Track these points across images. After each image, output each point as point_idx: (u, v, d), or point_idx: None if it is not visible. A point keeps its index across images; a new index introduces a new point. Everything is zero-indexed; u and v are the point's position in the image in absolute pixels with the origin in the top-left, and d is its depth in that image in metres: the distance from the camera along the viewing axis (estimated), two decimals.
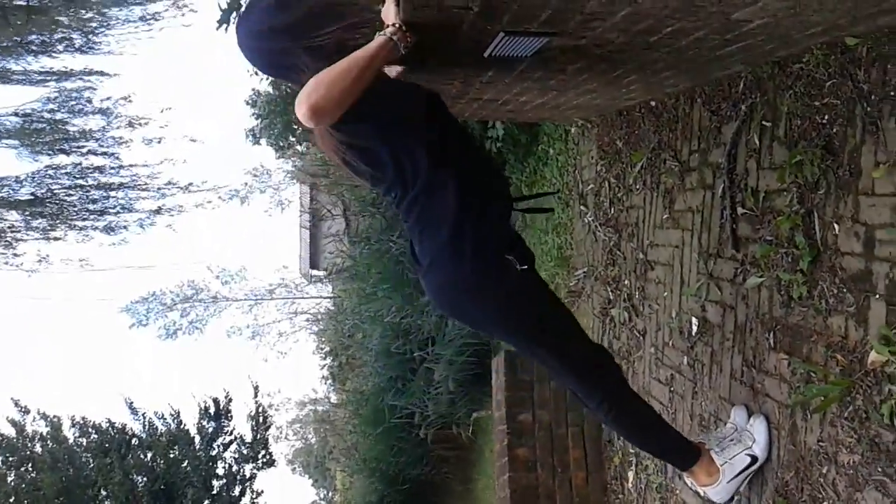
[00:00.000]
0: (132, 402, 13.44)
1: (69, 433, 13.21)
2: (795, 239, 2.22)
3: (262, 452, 14.99)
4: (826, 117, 2.14)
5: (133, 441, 13.13)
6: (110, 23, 11.92)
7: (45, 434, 13.20)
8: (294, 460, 32.43)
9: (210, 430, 14.10)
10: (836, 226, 2.08)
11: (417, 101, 2.04)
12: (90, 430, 13.31)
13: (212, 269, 26.86)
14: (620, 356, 3.66)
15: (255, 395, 14.72)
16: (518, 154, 5.83)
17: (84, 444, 13.11)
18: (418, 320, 7.79)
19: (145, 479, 12.42)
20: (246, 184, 21.33)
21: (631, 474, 3.51)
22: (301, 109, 1.76)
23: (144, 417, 13.63)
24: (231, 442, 14.51)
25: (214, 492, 13.67)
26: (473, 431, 8.76)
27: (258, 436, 14.89)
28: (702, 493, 2.46)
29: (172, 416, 13.93)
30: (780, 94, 2.36)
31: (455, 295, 2.12)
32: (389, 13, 1.90)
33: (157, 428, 13.65)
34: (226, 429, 14.43)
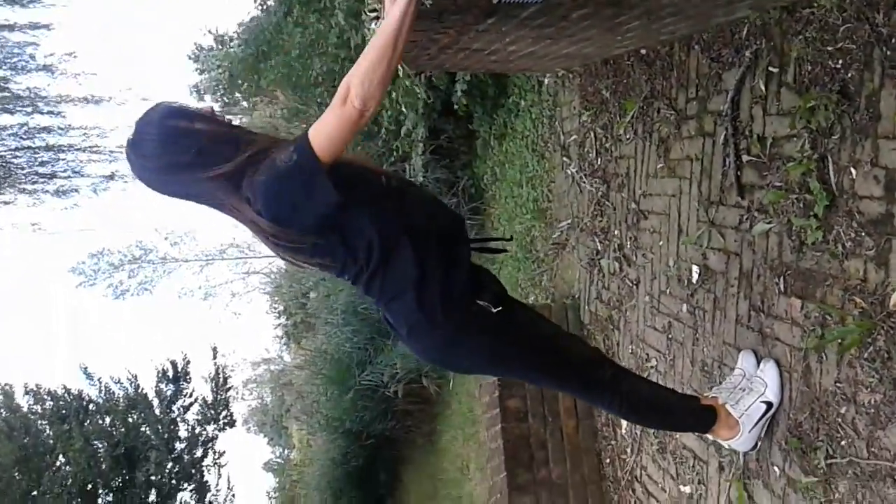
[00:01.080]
0: (87, 368, 13.22)
1: (23, 401, 12.95)
2: (809, 184, 2.23)
3: (223, 413, 14.90)
4: (840, 62, 2.14)
5: (91, 407, 12.90)
6: None
7: None
8: (249, 420, 32.37)
9: (169, 393, 13.95)
10: (853, 170, 2.09)
11: (350, 170, 1.94)
12: (45, 397, 13.06)
13: (160, 231, 26.27)
14: (611, 306, 3.69)
15: (214, 357, 14.60)
16: (486, 107, 5.77)
17: (39, 411, 12.86)
18: None
19: (105, 444, 12.25)
20: None
21: (624, 422, 3.56)
22: (352, 111, 1.72)
23: (101, 382, 13.42)
24: (191, 404, 14.38)
25: (176, 454, 13.57)
26: (438, 384, 8.83)
27: (218, 397, 14.78)
28: (727, 447, 2.51)
29: (130, 380, 13.72)
30: (789, 39, 2.35)
31: (442, 354, 2.13)
32: None
33: (114, 393, 13.45)
34: (185, 391, 14.29)
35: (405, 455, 12.58)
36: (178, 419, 14.22)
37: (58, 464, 12.21)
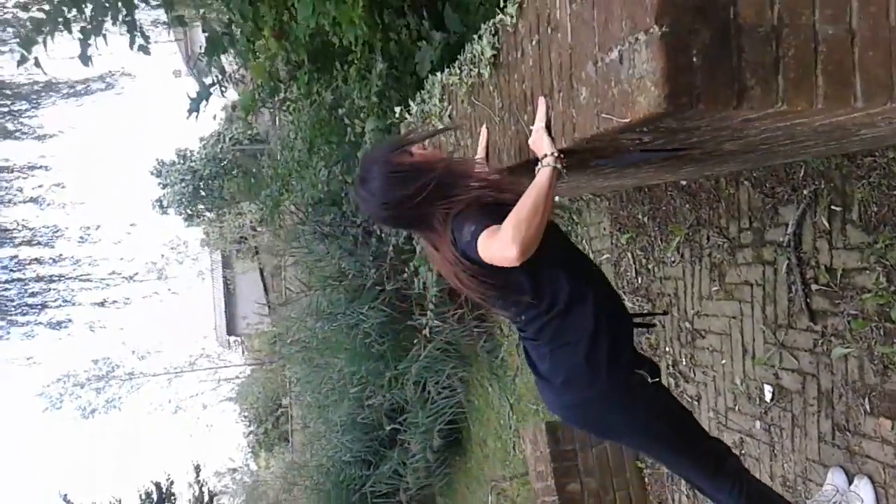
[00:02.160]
0: (67, 496, 12.71)
1: None
2: (890, 314, 2.45)
3: None
4: None
5: None
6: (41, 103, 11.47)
7: None
8: None
9: None
10: None
11: (556, 236, 2.18)
12: None
13: (126, 345, 25.82)
14: None
15: (197, 475, 14.20)
16: None
17: None
18: (386, 393, 7.80)
19: None
20: (163, 256, 20.76)
21: None
22: (511, 252, 1.84)
23: None
24: None
25: None
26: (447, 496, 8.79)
27: None
28: None
29: None
30: (851, 182, 2.61)
31: (591, 411, 2.26)
32: (543, 144, 1.96)
33: None
34: None
35: None
36: None
37: None
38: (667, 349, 3.82)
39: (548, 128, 1.96)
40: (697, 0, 1.39)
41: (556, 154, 1.94)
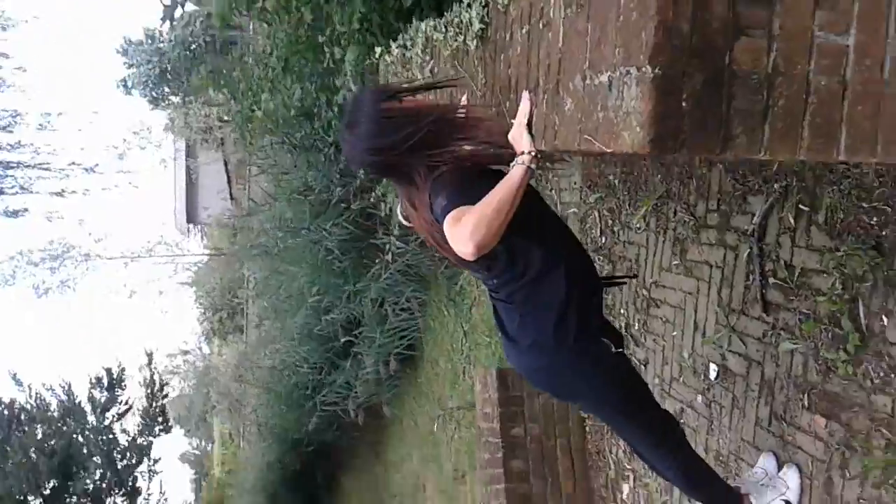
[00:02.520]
0: (17, 374, 12.76)
1: None
2: (840, 321, 2.52)
3: (160, 419, 14.66)
4: (875, 220, 2.43)
5: (23, 416, 12.48)
6: None
7: None
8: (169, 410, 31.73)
9: (103, 400, 13.64)
10: (884, 318, 2.39)
11: (531, 204, 2.17)
12: None
13: (83, 224, 25.46)
14: None
15: (150, 363, 14.32)
16: None
17: None
18: (343, 307, 7.86)
19: (42, 455, 11.88)
20: (125, 140, 20.28)
21: (626, 486, 3.84)
22: (467, 248, 1.87)
23: (32, 390, 13.00)
24: (126, 412, 14.10)
25: (111, 463, 13.28)
26: (395, 407, 9.01)
27: (154, 403, 14.54)
28: None
29: (63, 387, 13.33)
30: (822, 186, 2.64)
31: (554, 376, 2.33)
32: (523, 141, 1.96)
33: (46, 401, 13.04)
34: (119, 399, 14.01)
35: (347, 462, 12.67)
36: (114, 427, 13.91)
37: None
38: (622, 311, 3.90)
39: (528, 125, 1.93)
40: (695, 43, 1.36)
41: (533, 153, 1.92)
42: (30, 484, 10.90)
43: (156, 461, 14.79)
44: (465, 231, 1.87)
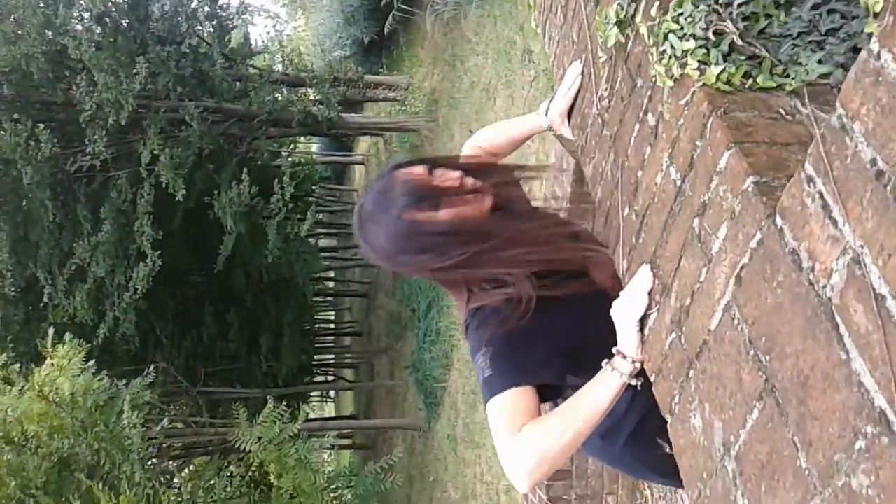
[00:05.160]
0: None
1: None
2: None
3: None
4: None
5: None
6: None
7: None
8: None
9: None
10: None
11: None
12: None
13: None
14: None
15: None
16: None
17: None
18: None
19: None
20: None
21: None
22: (520, 482, 1.39)
23: None
24: None
25: None
26: None
27: None
28: None
29: None
30: None
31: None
32: (630, 343, 1.39)
33: None
34: None
35: None
36: None
37: None
38: None
39: (641, 322, 1.37)
40: None
41: (635, 363, 1.38)
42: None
43: None
44: (520, 460, 1.38)
